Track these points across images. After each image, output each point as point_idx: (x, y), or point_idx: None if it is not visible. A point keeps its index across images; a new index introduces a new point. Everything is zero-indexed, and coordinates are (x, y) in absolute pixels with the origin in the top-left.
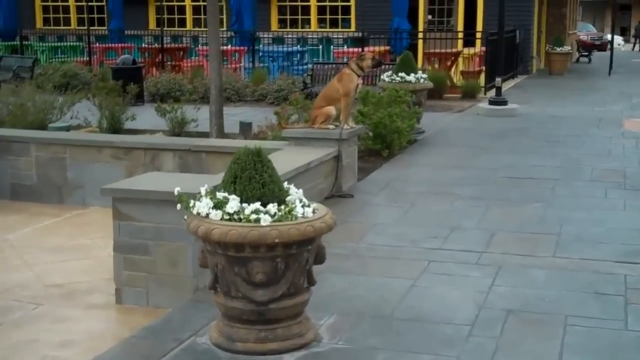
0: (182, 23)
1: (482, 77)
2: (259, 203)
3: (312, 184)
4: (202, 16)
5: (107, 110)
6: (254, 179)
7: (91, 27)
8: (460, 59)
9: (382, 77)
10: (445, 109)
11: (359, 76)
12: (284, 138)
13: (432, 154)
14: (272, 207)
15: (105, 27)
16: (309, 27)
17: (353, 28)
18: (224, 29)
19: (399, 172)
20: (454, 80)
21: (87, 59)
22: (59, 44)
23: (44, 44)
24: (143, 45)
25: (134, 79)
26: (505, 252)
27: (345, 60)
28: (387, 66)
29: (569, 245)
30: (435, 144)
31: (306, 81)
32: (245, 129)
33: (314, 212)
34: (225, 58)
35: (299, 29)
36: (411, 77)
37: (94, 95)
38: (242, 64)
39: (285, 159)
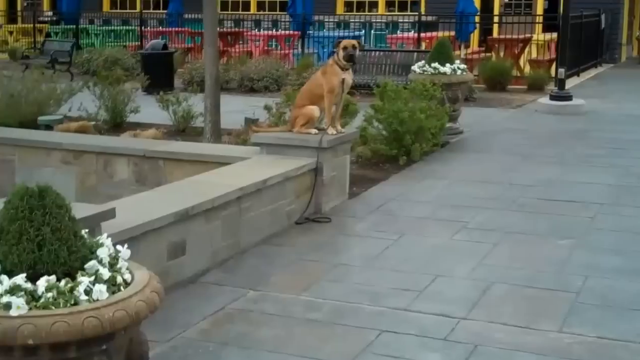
0: (246, 6)
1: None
2: (23, 276)
3: (272, 206)
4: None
5: (109, 101)
6: (26, 236)
7: (153, 10)
8: (531, 46)
9: (412, 67)
10: (503, 104)
11: (343, 69)
12: (256, 144)
13: (458, 163)
14: (43, 282)
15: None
16: (376, 11)
17: (423, 11)
18: (277, 12)
19: (406, 186)
20: (522, 69)
21: (139, 43)
22: (115, 27)
23: (100, 28)
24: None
25: (164, 66)
26: (493, 321)
27: (401, 47)
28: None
29: (587, 312)
30: (468, 149)
31: None
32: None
33: (124, 286)
34: (276, 43)
35: (365, 13)
36: (446, 69)
37: (95, 84)
38: (293, 51)
39: (238, 174)
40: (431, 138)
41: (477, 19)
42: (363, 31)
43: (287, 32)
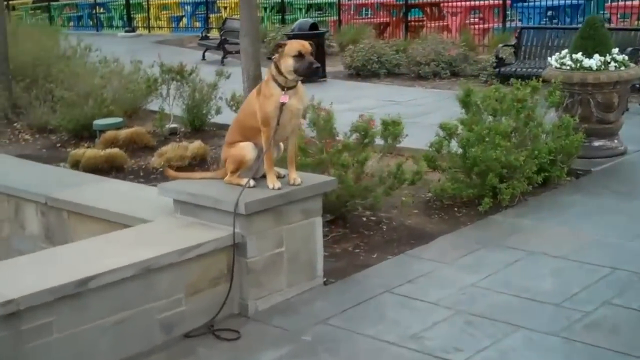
0: None
1: None
2: None
3: (124, 313)
4: None
5: (190, 98)
6: None
7: None
8: None
9: (549, 60)
10: None
11: (285, 88)
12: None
13: (579, 215)
14: None
15: None
16: None
17: None
18: None
19: (450, 257)
20: None
21: (337, 18)
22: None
23: None
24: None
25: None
26: None
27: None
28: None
29: None
30: (617, 184)
31: (501, 55)
32: None
33: None
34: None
35: None
36: (592, 62)
37: (180, 74)
38: (494, 24)
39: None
40: (534, 173)
41: None
42: None
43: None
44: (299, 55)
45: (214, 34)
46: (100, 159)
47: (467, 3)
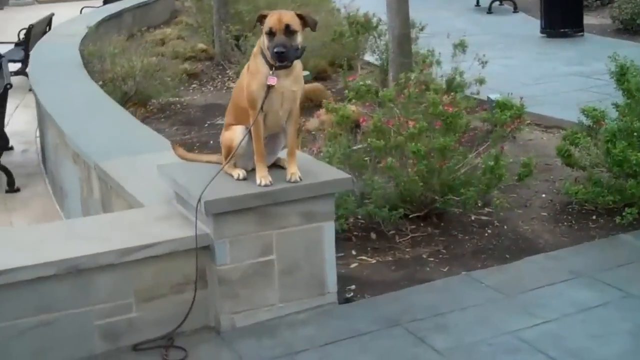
0: None
1: None
2: None
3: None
4: None
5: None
6: None
7: None
8: None
9: None
10: None
11: (273, 67)
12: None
13: None
14: None
15: None
16: None
17: None
18: None
19: (512, 286)
20: None
21: None
22: None
23: None
24: None
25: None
26: None
27: None
28: None
29: None
30: None
31: None
32: None
33: None
34: None
35: None
36: None
37: None
38: None
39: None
40: None
41: None
42: None
43: None
44: (270, 33)
45: None
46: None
47: None
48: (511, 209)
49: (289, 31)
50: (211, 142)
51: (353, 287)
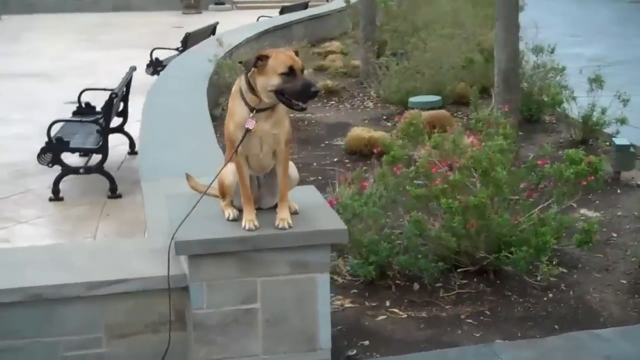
0: None
1: None
2: None
3: None
4: None
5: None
6: None
7: None
8: None
9: None
10: None
11: (252, 110)
12: None
13: None
14: None
15: None
16: None
17: None
18: None
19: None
20: None
21: None
22: None
23: None
24: None
25: None
26: None
27: None
28: None
29: None
30: None
31: None
32: (624, 160)
33: None
34: None
35: None
36: None
37: None
38: None
39: None
40: None
41: None
42: None
43: None
44: (290, 73)
45: None
46: (362, 141)
47: None
48: (589, 272)
49: (302, 70)
50: (314, 164)
51: (367, 342)
